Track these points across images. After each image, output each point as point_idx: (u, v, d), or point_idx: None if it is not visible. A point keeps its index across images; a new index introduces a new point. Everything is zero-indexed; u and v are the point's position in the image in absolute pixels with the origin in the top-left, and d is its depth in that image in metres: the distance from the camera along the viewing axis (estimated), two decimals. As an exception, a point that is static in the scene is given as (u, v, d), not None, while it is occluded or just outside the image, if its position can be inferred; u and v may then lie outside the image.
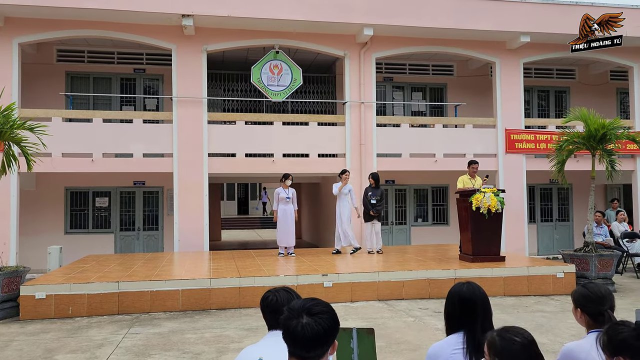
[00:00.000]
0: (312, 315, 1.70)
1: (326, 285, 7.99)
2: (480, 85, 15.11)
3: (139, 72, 13.91)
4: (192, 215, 11.86)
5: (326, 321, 1.70)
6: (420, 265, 8.91)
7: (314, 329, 1.67)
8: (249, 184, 36.96)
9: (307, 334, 1.66)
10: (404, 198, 14.93)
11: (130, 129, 11.97)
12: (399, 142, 13.03)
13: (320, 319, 1.69)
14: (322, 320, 1.69)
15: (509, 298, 8.38)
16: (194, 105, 12.10)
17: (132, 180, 13.38)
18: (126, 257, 10.93)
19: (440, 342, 2.42)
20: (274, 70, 12.57)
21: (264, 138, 12.44)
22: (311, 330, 1.66)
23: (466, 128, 13.47)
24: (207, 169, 12.05)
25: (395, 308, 7.59)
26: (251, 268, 8.84)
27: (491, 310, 2.43)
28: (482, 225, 8.98)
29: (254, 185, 37.19)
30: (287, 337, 1.69)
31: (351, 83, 12.87)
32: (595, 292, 2.56)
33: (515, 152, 13.51)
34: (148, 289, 7.52)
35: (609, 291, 2.59)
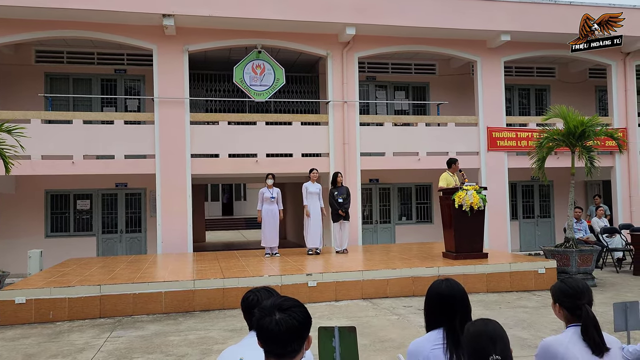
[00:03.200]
0: (284, 311, 1.71)
1: (310, 284, 7.99)
2: (462, 83, 15.23)
3: (120, 72, 13.76)
4: (175, 217, 11.77)
5: (299, 314, 1.72)
6: (405, 264, 8.95)
7: (289, 322, 1.68)
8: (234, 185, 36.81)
9: (282, 328, 1.67)
10: (387, 197, 14.99)
11: (111, 131, 11.84)
12: (383, 141, 13.07)
13: (293, 313, 1.71)
14: (295, 313, 1.71)
15: (491, 294, 8.46)
16: (176, 105, 12.01)
17: (114, 182, 13.23)
18: (108, 260, 10.82)
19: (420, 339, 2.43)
20: (256, 70, 12.53)
21: (247, 138, 12.39)
22: (286, 324, 1.68)
23: (449, 126, 13.57)
24: (190, 170, 11.97)
25: (380, 306, 7.62)
26: (235, 269, 8.81)
27: (470, 306, 2.45)
28: (465, 222, 9.04)
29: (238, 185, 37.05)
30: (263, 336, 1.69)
31: (334, 82, 12.88)
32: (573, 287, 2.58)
33: (497, 150, 13.64)
34: (130, 291, 7.45)
35: (587, 286, 2.62)
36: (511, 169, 13.87)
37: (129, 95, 13.91)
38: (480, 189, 9.19)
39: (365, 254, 10.99)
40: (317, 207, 10.57)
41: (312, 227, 10.52)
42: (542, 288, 8.77)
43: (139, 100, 13.95)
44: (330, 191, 10.79)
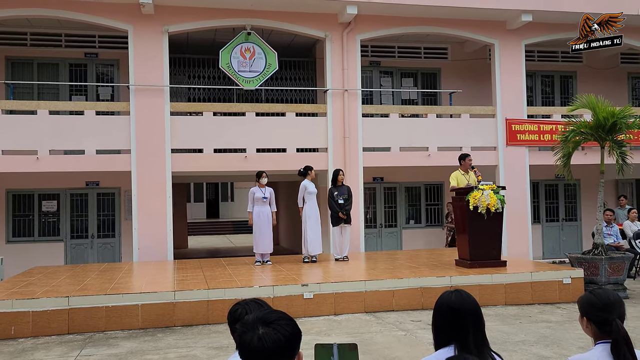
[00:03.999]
0: (268, 324, 1.69)
1: (306, 296, 7.99)
2: (477, 70, 15.24)
3: (91, 56, 13.73)
4: (153, 220, 11.77)
5: (285, 327, 1.69)
6: (412, 273, 8.95)
7: (273, 337, 1.66)
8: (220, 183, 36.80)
9: (267, 344, 1.65)
10: (393, 197, 15.00)
11: (81, 122, 11.81)
12: (388, 134, 13.08)
13: (278, 326, 1.69)
14: (281, 327, 1.69)
15: (510, 307, 8.48)
16: (154, 94, 11.99)
17: (84, 180, 13.21)
18: (78, 268, 10.79)
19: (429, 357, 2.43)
20: (245, 54, 12.52)
21: (235, 131, 12.38)
22: (271, 340, 1.65)
23: (462, 118, 13.58)
24: (170, 167, 11.96)
25: (385, 321, 7.62)
26: (221, 279, 8.80)
27: (484, 321, 2.45)
28: (481, 226, 9.05)
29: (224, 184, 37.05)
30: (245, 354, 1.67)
31: (333, 68, 12.87)
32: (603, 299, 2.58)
33: (516, 145, 13.67)
34: (103, 304, 7.44)
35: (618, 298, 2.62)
36: (533, 166, 13.89)
37: (101, 82, 13.88)
38: (497, 189, 9.21)
39: (368, 261, 10.98)
40: (315, 209, 10.57)
41: (312, 231, 10.51)
42: (567, 300, 8.79)
43: (112, 88, 13.92)
44: (330, 191, 10.79)
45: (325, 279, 8.63)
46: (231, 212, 36.35)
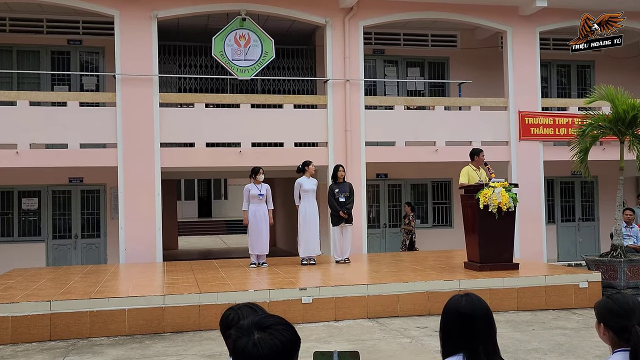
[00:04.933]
0: (264, 329, 1.69)
1: (305, 301, 8.00)
2: (488, 59, 15.23)
3: (74, 44, 13.72)
4: (141, 219, 11.77)
5: (283, 333, 1.69)
6: (418, 276, 8.96)
7: (270, 343, 1.66)
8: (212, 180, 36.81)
9: (263, 350, 1.65)
10: (398, 195, 15.01)
11: (63, 114, 11.80)
12: (393, 127, 13.08)
13: (275, 331, 1.69)
14: (278, 332, 1.69)
15: (523, 313, 8.49)
16: (142, 84, 11.98)
17: (67, 176, 13.21)
18: (60, 270, 10.79)
19: (437, 367, 2.44)
20: (240, 42, 12.51)
21: (229, 124, 12.38)
22: (267, 345, 1.65)
23: (472, 111, 13.58)
24: (159, 162, 11.96)
25: (388, 327, 7.64)
26: (214, 282, 8.81)
27: (495, 328, 2.45)
28: (492, 226, 9.06)
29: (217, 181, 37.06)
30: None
31: (334, 57, 12.86)
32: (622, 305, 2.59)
33: (530, 139, 13.67)
34: (87, 309, 7.44)
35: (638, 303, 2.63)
36: (547, 162, 13.89)
37: (85, 71, 13.87)
38: (509, 187, 9.21)
39: (371, 264, 10.98)
40: (313, 208, 10.58)
41: (308, 231, 10.53)
42: (584, 305, 8.80)
43: (97, 77, 13.91)
44: (330, 188, 10.80)
45: (325, 282, 8.63)
46: (224, 210, 36.36)
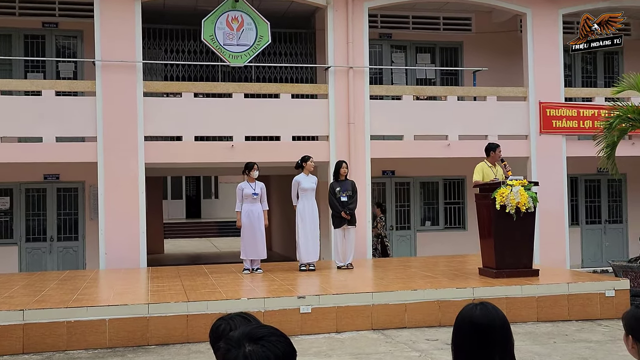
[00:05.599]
0: (256, 341, 1.69)
1: (303, 310, 8.00)
2: (506, 44, 15.20)
3: (50, 27, 13.69)
4: (123, 220, 11.76)
5: (277, 345, 1.70)
6: (428, 283, 8.96)
7: (262, 356, 1.66)
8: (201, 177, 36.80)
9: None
10: (406, 194, 14.99)
11: (38, 104, 11.80)
12: (400, 120, 13.06)
13: (268, 343, 1.69)
14: (271, 344, 1.69)
15: (543, 324, 8.49)
16: (124, 71, 11.97)
17: (42, 173, 13.20)
18: (34, 276, 10.81)
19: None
20: (232, 25, 12.50)
21: (220, 115, 12.37)
22: (259, 359, 1.65)
23: (488, 101, 13.57)
24: (143, 158, 11.94)
25: (395, 340, 7.64)
26: (203, 289, 8.81)
27: (512, 340, 2.45)
28: (509, 228, 9.05)
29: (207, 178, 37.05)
30: None
31: (336, 42, 12.84)
32: (652, 315, 2.59)
33: (552, 133, 13.65)
34: (64, 318, 7.43)
35: (670, 313, 2.63)
36: (571, 158, 13.88)
37: (62, 57, 13.85)
38: (529, 185, 9.20)
39: (376, 270, 10.99)
40: (312, 208, 10.58)
41: (307, 234, 10.53)
42: (610, 316, 8.78)
43: (75, 64, 13.89)
44: (331, 186, 10.79)
45: (326, 290, 8.63)
46: (215, 211, 36.36)
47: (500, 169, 9.78)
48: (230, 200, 17.47)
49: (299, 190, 10.56)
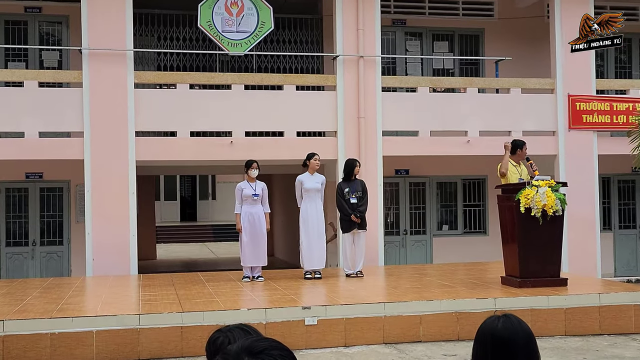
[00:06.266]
0: (255, 355, 1.70)
1: (309, 322, 8.00)
2: (532, 31, 15.17)
3: (32, 11, 13.73)
4: (112, 223, 11.79)
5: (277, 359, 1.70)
6: (446, 293, 8.97)
7: None
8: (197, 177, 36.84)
9: None
10: (422, 196, 14.98)
11: (19, 96, 11.85)
12: (415, 114, 13.05)
13: (269, 357, 1.69)
14: (272, 358, 1.69)
15: (572, 338, 8.46)
16: (114, 60, 12.00)
17: (24, 171, 13.24)
18: (15, 284, 10.84)
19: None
20: (231, 10, 12.51)
21: (218, 109, 12.39)
22: None
23: (512, 94, 13.54)
24: (134, 155, 11.97)
25: (409, 355, 7.63)
26: (199, 299, 8.84)
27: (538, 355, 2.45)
28: (535, 234, 9.04)
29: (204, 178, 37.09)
30: None
31: (345, 28, 12.84)
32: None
33: (582, 128, 13.61)
34: (47, 330, 7.45)
35: None
36: (603, 157, 13.83)
37: (46, 44, 13.89)
38: (556, 186, 9.19)
39: (388, 278, 10.98)
40: (317, 210, 10.58)
41: (312, 239, 10.54)
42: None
43: (59, 52, 13.93)
44: (339, 187, 10.79)
45: (333, 300, 8.63)
46: (212, 213, 36.39)
47: (525, 168, 9.77)
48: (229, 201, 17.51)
49: (302, 191, 10.57)
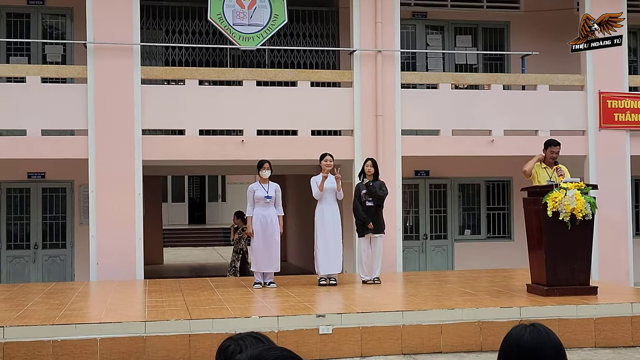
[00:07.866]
0: None
1: (323, 331, 7.99)
2: (560, 25, 15.08)
3: (35, 4, 13.81)
4: (117, 226, 11.83)
5: None
6: (468, 301, 8.94)
7: None
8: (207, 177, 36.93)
9: None
10: (443, 198, 14.93)
11: (21, 93, 11.91)
12: (436, 112, 13.03)
13: None
14: None
15: (602, 350, 8.41)
16: (120, 55, 12.04)
17: (25, 171, 13.32)
18: (16, 289, 10.89)
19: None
20: (243, 2, 12.53)
21: (229, 106, 12.41)
22: None
23: (539, 91, 13.49)
24: (140, 154, 12.01)
25: (429, 366, 7.61)
26: (208, 306, 8.85)
27: (568, 367, 2.44)
28: (563, 239, 8.99)
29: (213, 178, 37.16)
30: None
31: (362, 21, 12.83)
32: None
33: (614, 128, 13.53)
34: (50, 337, 7.48)
35: None
36: (636, 158, 13.75)
37: (49, 38, 13.97)
38: (586, 188, 9.13)
39: (407, 285, 10.96)
40: (333, 213, 10.57)
41: (327, 243, 10.53)
42: (681, 342, 8.71)
43: (63, 46, 14.00)
44: (357, 189, 10.77)
45: (349, 308, 8.62)
46: (221, 216, 36.43)
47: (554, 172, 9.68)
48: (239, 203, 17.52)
49: None
